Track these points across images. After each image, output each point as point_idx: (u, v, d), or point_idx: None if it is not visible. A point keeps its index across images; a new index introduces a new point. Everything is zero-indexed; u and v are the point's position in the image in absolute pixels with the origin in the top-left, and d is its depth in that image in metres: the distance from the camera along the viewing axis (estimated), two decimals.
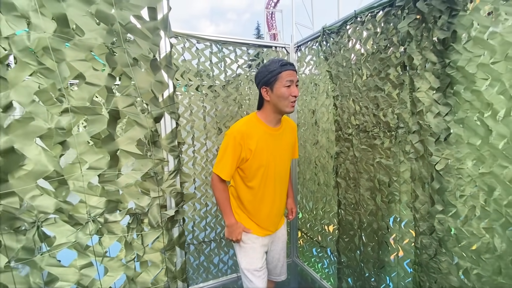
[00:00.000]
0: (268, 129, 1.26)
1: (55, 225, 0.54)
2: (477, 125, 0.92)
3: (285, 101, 1.18)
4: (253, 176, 1.26)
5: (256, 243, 1.32)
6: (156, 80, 0.58)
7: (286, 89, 1.16)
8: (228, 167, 1.20)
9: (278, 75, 1.16)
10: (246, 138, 1.20)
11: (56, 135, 0.52)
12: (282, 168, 1.33)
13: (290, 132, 1.38)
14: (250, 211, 1.32)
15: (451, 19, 0.96)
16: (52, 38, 0.50)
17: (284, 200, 1.42)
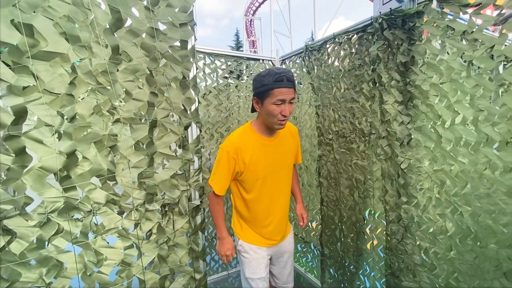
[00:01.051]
0: (263, 140, 1.21)
1: (106, 214, 0.65)
2: (431, 132, 1.16)
3: (273, 119, 1.11)
4: (251, 189, 1.22)
5: (259, 253, 1.28)
6: (186, 97, 0.72)
7: (276, 107, 1.07)
8: (222, 182, 1.15)
9: (270, 91, 1.06)
10: (240, 152, 1.14)
11: (109, 140, 0.65)
12: (281, 177, 1.28)
13: (290, 137, 1.33)
14: (252, 222, 1.28)
15: (410, 47, 1.19)
16: (108, 63, 0.63)
17: (287, 208, 1.36)
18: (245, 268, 1.28)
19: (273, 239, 1.31)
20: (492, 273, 1.03)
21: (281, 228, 1.32)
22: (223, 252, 1.25)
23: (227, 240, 1.27)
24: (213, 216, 1.26)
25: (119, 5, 0.65)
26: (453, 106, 1.07)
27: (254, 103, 1.16)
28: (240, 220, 1.32)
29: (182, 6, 0.71)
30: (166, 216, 0.72)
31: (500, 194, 0.98)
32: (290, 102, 1.10)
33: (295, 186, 1.50)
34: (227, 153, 1.13)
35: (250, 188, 1.22)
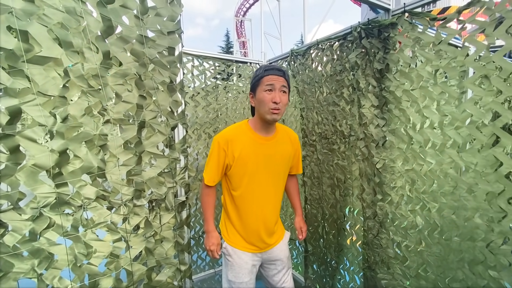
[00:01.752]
0: (256, 137, 1.19)
1: (96, 208, 0.70)
2: (403, 134, 1.25)
3: (264, 107, 1.10)
4: (238, 185, 1.19)
5: (243, 258, 1.23)
6: (173, 99, 0.77)
7: (266, 93, 1.09)
8: (212, 172, 1.17)
9: (260, 80, 1.11)
10: (230, 144, 1.15)
11: (99, 139, 0.69)
12: (272, 180, 1.24)
13: (288, 142, 1.28)
14: (236, 223, 1.25)
15: (385, 55, 1.29)
16: (99, 68, 0.68)
17: (276, 214, 1.31)
18: (228, 271, 1.26)
19: (258, 245, 1.25)
20: (456, 263, 1.13)
21: (266, 235, 1.26)
22: (208, 246, 1.23)
23: (212, 234, 1.24)
24: (203, 207, 1.27)
25: (110, 14, 0.69)
26: (422, 111, 1.17)
27: (250, 98, 1.18)
28: (227, 221, 1.29)
29: (170, 15, 0.76)
30: (153, 211, 0.77)
31: (462, 191, 1.08)
32: (281, 91, 1.11)
33: (295, 198, 1.46)
34: (218, 144, 1.15)
35: (237, 185, 1.19)
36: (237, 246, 1.24)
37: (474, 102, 1.02)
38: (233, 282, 1.23)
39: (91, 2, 0.67)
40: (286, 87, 1.14)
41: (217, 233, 1.27)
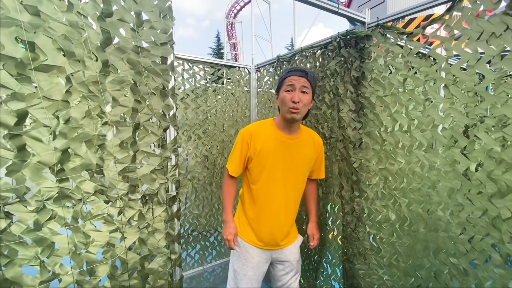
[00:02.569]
0: (279, 135, 1.23)
1: (94, 202, 0.76)
2: (377, 136, 1.37)
3: (285, 106, 1.16)
4: (257, 179, 1.23)
5: (250, 253, 1.26)
6: (165, 104, 0.85)
7: (286, 93, 1.15)
8: (235, 163, 1.24)
9: (283, 81, 1.19)
10: (254, 137, 1.21)
11: (98, 139, 0.76)
12: (292, 180, 1.26)
13: (311, 145, 1.31)
14: (250, 216, 1.28)
15: (361, 64, 1.41)
16: (99, 75, 0.75)
17: (292, 217, 1.33)
18: (234, 259, 1.30)
19: (268, 243, 1.27)
20: (422, 252, 1.25)
21: (279, 233, 1.27)
22: (225, 236, 1.25)
23: (230, 224, 1.26)
24: (223, 197, 1.31)
25: (108, 27, 0.77)
26: (393, 115, 1.29)
27: (276, 99, 1.25)
28: (241, 214, 1.33)
29: (163, 28, 0.84)
30: (147, 205, 0.84)
31: (426, 187, 1.20)
32: (302, 91, 1.16)
33: (311, 203, 1.48)
34: (242, 137, 1.23)
35: (256, 178, 1.23)
36: (246, 239, 1.28)
37: (436, 108, 1.15)
38: (238, 272, 1.28)
39: (91, 16, 0.75)
40: (308, 88, 1.17)
41: (235, 223, 1.29)
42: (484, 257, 1.05)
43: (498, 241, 1.01)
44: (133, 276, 0.84)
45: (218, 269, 2.44)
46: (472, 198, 1.06)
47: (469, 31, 1.03)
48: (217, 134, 2.32)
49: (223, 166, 2.37)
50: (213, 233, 2.45)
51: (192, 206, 2.27)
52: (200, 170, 2.27)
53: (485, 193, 1.03)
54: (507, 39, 0.95)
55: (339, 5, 1.34)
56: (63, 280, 0.73)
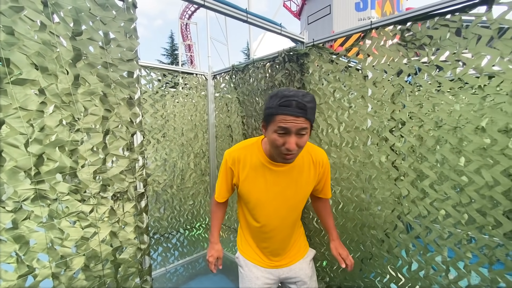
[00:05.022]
0: (266, 162, 1.02)
1: (69, 201, 0.85)
2: (316, 137, 1.65)
3: (276, 150, 0.92)
4: (247, 201, 1.10)
5: (254, 272, 1.16)
6: (132, 112, 0.97)
7: (277, 136, 0.87)
8: (221, 188, 1.14)
9: (273, 117, 0.87)
10: (238, 164, 1.05)
11: (71, 145, 0.85)
12: (283, 210, 1.09)
13: (309, 168, 1.08)
14: (247, 235, 1.20)
15: (302, 76, 1.68)
16: (71, 88, 0.84)
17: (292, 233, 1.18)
18: (240, 281, 1.22)
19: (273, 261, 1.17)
20: (352, 228, 1.56)
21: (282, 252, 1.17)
22: (207, 256, 1.20)
23: (213, 246, 1.20)
24: (211, 219, 1.23)
25: (79, 45, 0.87)
26: (327, 119, 1.58)
27: (262, 126, 0.96)
28: (241, 231, 1.24)
29: (129, 46, 0.96)
30: (118, 202, 0.95)
31: (353, 176, 1.51)
32: (299, 133, 0.86)
33: (327, 220, 1.27)
34: (226, 162, 1.08)
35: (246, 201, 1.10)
36: (249, 258, 1.19)
37: (357, 113, 1.47)
38: None
39: (63, 36, 0.84)
40: (307, 128, 0.87)
41: (219, 246, 1.22)
42: (393, 226, 1.38)
43: (401, 213, 1.35)
44: (106, 267, 0.94)
45: (180, 269, 2.52)
46: (383, 182, 1.39)
47: (376, 55, 1.36)
48: (176, 138, 2.41)
49: (183, 169, 2.47)
50: (175, 235, 2.52)
51: (153, 209, 2.32)
52: (160, 173, 2.33)
53: (391, 178, 1.36)
54: (400, 62, 1.29)
55: (282, 27, 1.58)
56: (40, 273, 0.80)
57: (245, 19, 1.36)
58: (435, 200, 1.22)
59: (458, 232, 1.18)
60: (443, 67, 1.16)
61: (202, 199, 2.64)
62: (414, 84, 1.26)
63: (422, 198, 1.27)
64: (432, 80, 1.20)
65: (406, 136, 1.28)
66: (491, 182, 1.08)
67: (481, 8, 1.08)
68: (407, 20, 1.24)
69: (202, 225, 2.69)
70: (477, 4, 1.07)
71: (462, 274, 1.18)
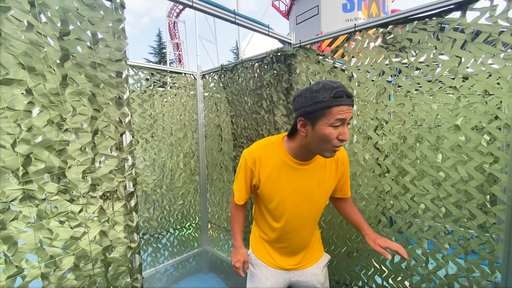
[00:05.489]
0: (289, 160, 1.00)
1: (58, 201, 0.85)
2: None
3: (326, 145, 0.88)
4: (267, 202, 1.07)
5: (264, 273, 1.15)
6: (121, 112, 0.98)
7: (332, 129, 0.84)
8: (241, 191, 1.09)
9: (327, 110, 0.83)
10: (258, 164, 1.02)
11: (59, 145, 0.85)
12: (306, 210, 1.07)
13: (331, 165, 1.07)
14: (263, 236, 1.16)
15: (289, 77, 1.72)
16: (59, 87, 0.84)
17: (310, 235, 1.16)
18: (248, 279, 1.21)
19: (285, 264, 1.15)
20: (338, 224, 1.61)
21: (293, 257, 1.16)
22: (233, 261, 1.16)
23: (239, 250, 1.16)
24: (231, 223, 1.19)
25: (66, 45, 0.87)
26: None
27: (300, 125, 0.91)
28: (255, 229, 1.21)
29: (117, 47, 0.97)
30: (107, 201, 0.96)
31: None
32: (348, 123, 0.88)
33: (355, 218, 1.18)
34: (245, 162, 1.04)
35: (266, 202, 1.08)
36: (261, 257, 1.17)
37: None
38: None
39: (50, 36, 0.84)
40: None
41: (244, 249, 1.17)
42: (377, 221, 1.44)
43: (384, 208, 1.41)
44: (96, 266, 0.94)
45: (170, 269, 2.52)
46: (367, 178, 1.45)
47: (360, 56, 1.41)
48: (165, 138, 2.40)
49: (172, 169, 2.46)
50: (165, 235, 2.52)
51: (143, 210, 2.30)
52: (149, 173, 2.32)
53: (375, 174, 1.42)
54: (383, 64, 1.35)
55: (269, 28, 1.61)
56: (29, 273, 0.80)
57: (233, 20, 1.38)
58: (415, 195, 1.29)
59: (436, 225, 1.24)
60: (421, 69, 1.23)
61: (192, 199, 2.64)
62: (395, 85, 1.33)
63: (403, 194, 1.33)
64: (411, 81, 1.27)
65: (389, 135, 1.34)
66: (466, 177, 1.15)
67: (456, 14, 1.15)
68: (388, 24, 1.30)
69: (192, 225, 2.69)
70: (452, 10, 1.13)
71: (441, 264, 1.25)
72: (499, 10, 1.03)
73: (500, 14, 1.03)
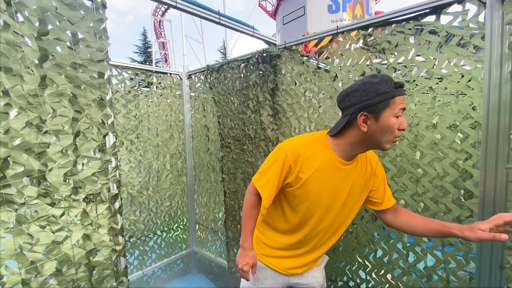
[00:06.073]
0: (335, 160, 0.95)
1: (38, 205, 0.82)
2: (289, 135, 1.72)
3: (389, 136, 0.86)
4: (293, 206, 1.00)
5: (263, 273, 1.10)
6: (103, 113, 0.96)
7: (396, 120, 0.84)
8: (272, 189, 0.94)
9: (391, 100, 0.83)
10: (301, 162, 0.93)
11: (39, 147, 0.83)
12: (337, 214, 1.01)
13: (367, 167, 1.03)
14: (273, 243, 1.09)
15: (275, 77, 1.74)
16: (38, 89, 0.82)
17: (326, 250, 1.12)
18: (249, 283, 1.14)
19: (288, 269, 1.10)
20: None
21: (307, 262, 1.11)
22: (241, 264, 1.01)
23: (248, 253, 1.02)
24: (244, 218, 1.02)
25: (45, 45, 0.85)
26: (299, 118, 1.66)
27: (361, 119, 0.86)
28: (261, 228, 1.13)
29: (99, 47, 0.95)
30: (90, 204, 0.94)
31: None
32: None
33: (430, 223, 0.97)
34: (285, 157, 0.93)
35: (294, 206, 1.00)
36: (261, 258, 1.11)
37: (326, 112, 1.55)
38: None
39: (28, 35, 0.82)
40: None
41: (254, 252, 1.03)
42: (360, 217, 1.49)
43: None
44: (80, 270, 0.92)
45: (158, 271, 2.49)
46: None
47: (343, 58, 1.45)
48: (151, 139, 2.37)
49: (159, 170, 2.43)
50: (152, 237, 2.48)
51: (129, 212, 2.26)
52: (134, 175, 2.28)
53: None
54: (364, 65, 1.39)
55: (254, 29, 1.63)
56: (9, 280, 0.78)
57: (217, 21, 1.39)
58: (396, 191, 1.34)
59: None
60: (400, 70, 1.28)
61: (180, 200, 2.62)
62: None
63: None
64: None
65: None
66: (442, 173, 1.21)
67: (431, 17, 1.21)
68: (369, 26, 1.34)
69: (180, 226, 2.67)
70: (427, 14, 1.19)
71: (420, 257, 1.30)
72: (470, 14, 1.09)
73: (471, 18, 1.09)
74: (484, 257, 1.10)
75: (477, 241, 0.81)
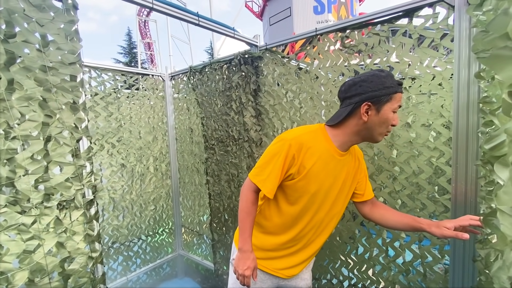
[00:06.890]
0: (333, 150, 0.96)
1: (7, 213, 0.79)
2: (272, 136, 1.73)
3: (384, 129, 0.91)
4: (294, 201, 0.98)
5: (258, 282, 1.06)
6: (76, 117, 0.94)
7: (392, 115, 0.89)
8: (274, 180, 0.90)
9: (393, 95, 0.88)
10: (305, 151, 0.92)
11: (6, 154, 0.80)
12: (331, 206, 1.02)
13: (355, 160, 1.07)
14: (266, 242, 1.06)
15: (257, 79, 1.74)
16: (5, 93, 0.79)
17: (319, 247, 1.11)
18: (231, 277, 1.13)
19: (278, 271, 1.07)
20: None
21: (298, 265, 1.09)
22: (241, 270, 0.94)
23: (249, 255, 0.95)
24: (242, 217, 0.95)
25: (13, 48, 0.82)
26: (281, 119, 1.67)
27: (363, 109, 0.89)
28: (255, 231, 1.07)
29: (71, 49, 0.93)
30: (64, 210, 0.91)
31: None
32: None
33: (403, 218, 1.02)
34: (289, 147, 0.90)
35: (293, 200, 0.98)
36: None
37: (307, 113, 1.58)
38: None
39: None
40: None
41: (254, 254, 0.97)
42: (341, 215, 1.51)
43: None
44: (54, 279, 0.90)
45: (143, 277, 2.44)
46: None
47: (322, 59, 1.47)
48: (133, 142, 2.32)
49: (143, 173, 2.39)
50: (137, 242, 2.44)
51: (111, 218, 2.21)
52: (116, 179, 2.23)
53: None
54: (342, 66, 1.42)
55: (235, 31, 1.63)
56: None
57: (196, 23, 1.38)
58: (375, 189, 1.37)
59: None
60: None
61: (164, 203, 2.58)
62: None
63: None
64: None
65: None
66: (417, 170, 1.25)
67: (404, 20, 1.25)
68: (346, 28, 1.37)
69: (165, 230, 2.63)
70: (401, 16, 1.23)
71: (398, 252, 1.34)
72: (440, 17, 1.14)
73: (441, 21, 1.13)
74: (457, 250, 1.15)
75: (441, 237, 0.88)
